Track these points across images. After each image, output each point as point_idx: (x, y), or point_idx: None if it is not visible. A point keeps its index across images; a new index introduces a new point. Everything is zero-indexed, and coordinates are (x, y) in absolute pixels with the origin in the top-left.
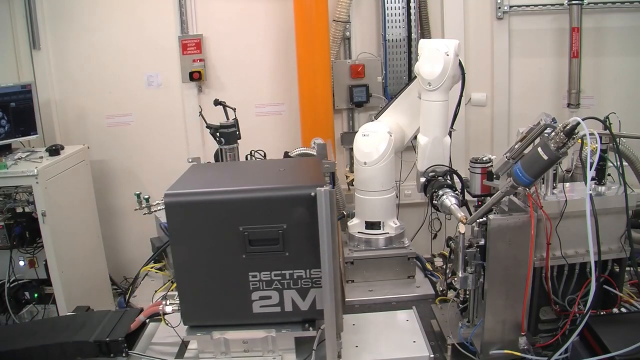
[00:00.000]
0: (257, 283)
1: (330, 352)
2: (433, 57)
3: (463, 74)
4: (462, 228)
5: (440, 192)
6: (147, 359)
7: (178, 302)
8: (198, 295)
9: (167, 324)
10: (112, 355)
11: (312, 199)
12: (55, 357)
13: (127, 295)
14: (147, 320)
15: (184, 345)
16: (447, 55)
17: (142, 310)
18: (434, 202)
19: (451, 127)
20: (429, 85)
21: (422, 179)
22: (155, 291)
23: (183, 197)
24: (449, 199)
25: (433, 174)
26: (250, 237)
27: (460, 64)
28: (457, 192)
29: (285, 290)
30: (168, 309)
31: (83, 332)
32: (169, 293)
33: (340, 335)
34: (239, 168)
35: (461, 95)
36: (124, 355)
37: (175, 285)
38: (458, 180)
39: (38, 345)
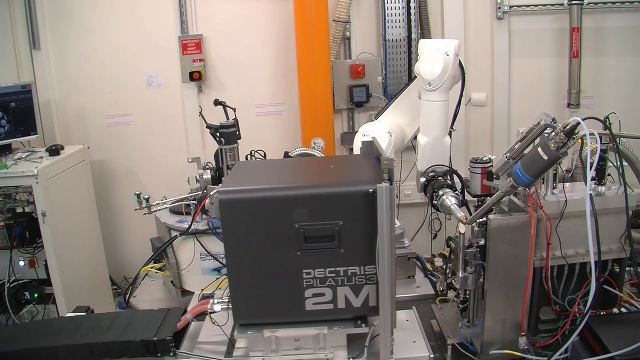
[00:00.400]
0: (310, 280)
1: (384, 348)
2: (433, 57)
3: (463, 74)
4: (462, 228)
5: (440, 192)
6: (196, 358)
7: (226, 300)
8: (250, 292)
9: (213, 323)
10: (159, 355)
11: (369, 195)
12: (100, 356)
13: (127, 295)
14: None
15: (231, 344)
16: (447, 55)
17: (185, 309)
18: (434, 202)
19: (451, 127)
20: (429, 85)
21: (422, 179)
22: (202, 290)
23: (238, 194)
24: (449, 199)
25: (433, 174)
26: (306, 234)
27: (460, 64)
28: (457, 192)
29: (338, 287)
30: (217, 307)
31: (128, 332)
32: (215, 292)
33: (393, 332)
34: (287, 166)
35: (461, 95)
36: (171, 354)
37: (222, 283)
38: (458, 180)
39: (81, 343)
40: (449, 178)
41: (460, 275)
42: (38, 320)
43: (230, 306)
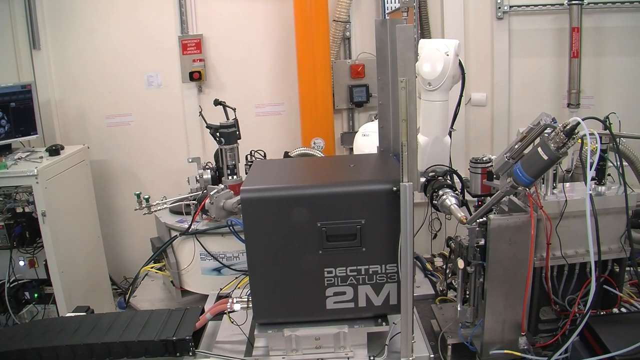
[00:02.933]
0: (332, 279)
1: (405, 346)
2: (433, 57)
3: (463, 74)
4: (460, 264)
5: (440, 192)
6: (216, 357)
7: (246, 300)
8: (271, 292)
9: (232, 322)
10: (178, 354)
11: (393, 194)
12: (118, 355)
13: (127, 295)
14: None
15: (250, 343)
16: (447, 55)
17: (203, 309)
18: (434, 202)
19: (451, 127)
20: (429, 85)
21: (422, 179)
22: (221, 289)
23: (260, 193)
24: (449, 199)
25: (433, 174)
26: (328, 233)
27: (460, 64)
28: (457, 192)
29: (360, 286)
30: (236, 306)
31: (146, 331)
32: (234, 291)
33: (413, 330)
34: (306, 165)
35: (461, 95)
36: (190, 354)
37: (242, 282)
38: (458, 180)
39: (100, 342)
40: (449, 178)
41: (459, 309)
42: (51, 318)
43: (250, 305)
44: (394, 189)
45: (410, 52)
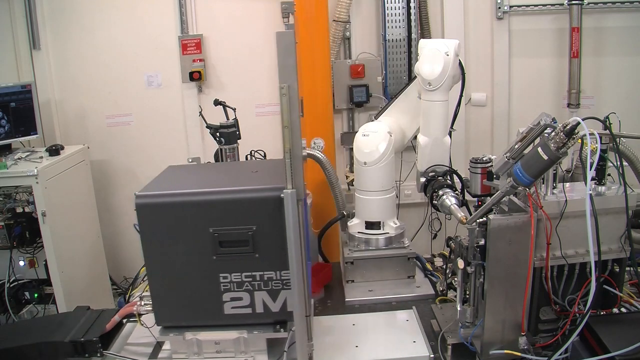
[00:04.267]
0: (228, 284)
1: (301, 355)
2: (433, 57)
3: (463, 74)
4: (460, 264)
5: (440, 192)
6: (120, 359)
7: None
8: (170, 296)
9: (142, 325)
10: (87, 355)
11: (280, 201)
12: (31, 358)
13: (127, 295)
14: (125, 321)
15: (158, 345)
16: (447, 55)
17: (118, 310)
18: (434, 202)
19: (451, 127)
20: (429, 85)
21: (422, 179)
22: (132, 291)
23: (154, 199)
24: (449, 199)
25: (433, 174)
26: (220, 239)
27: (460, 64)
28: (457, 192)
29: (256, 292)
30: (144, 309)
31: (59, 332)
32: (144, 294)
33: (312, 337)
34: (215, 170)
35: (461, 95)
36: (98, 355)
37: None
38: (458, 180)
39: (14, 346)
40: (449, 178)
41: (459, 309)
42: None
43: None
44: (282, 196)
45: (291, 58)
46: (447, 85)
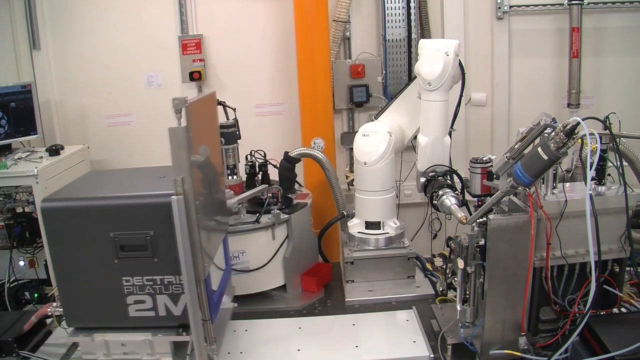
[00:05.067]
0: (130, 287)
1: (199, 357)
2: (433, 57)
3: (463, 74)
4: (460, 264)
5: (440, 192)
6: (34, 359)
7: None
8: (78, 298)
9: (59, 325)
10: (3, 355)
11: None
12: None
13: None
14: (48, 321)
15: (74, 346)
16: (447, 55)
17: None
18: (434, 202)
19: (451, 127)
20: (429, 85)
21: (422, 179)
22: (52, 292)
23: (58, 203)
24: (449, 199)
25: (433, 174)
26: (121, 243)
27: (460, 64)
28: (457, 192)
29: (157, 295)
30: (57, 310)
31: None
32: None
33: (213, 341)
34: (127, 175)
35: (461, 95)
36: (14, 355)
37: None
38: (458, 180)
39: None
40: (449, 178)
41: (459, 309)
42: None
43: None
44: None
45: (183, 152)
46: (447, 85)
